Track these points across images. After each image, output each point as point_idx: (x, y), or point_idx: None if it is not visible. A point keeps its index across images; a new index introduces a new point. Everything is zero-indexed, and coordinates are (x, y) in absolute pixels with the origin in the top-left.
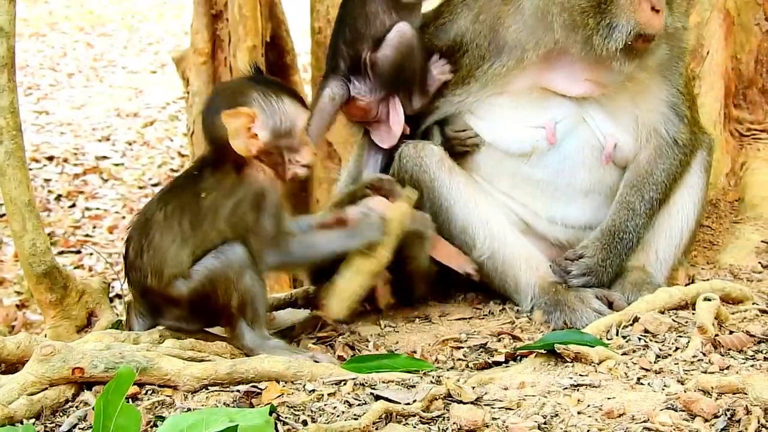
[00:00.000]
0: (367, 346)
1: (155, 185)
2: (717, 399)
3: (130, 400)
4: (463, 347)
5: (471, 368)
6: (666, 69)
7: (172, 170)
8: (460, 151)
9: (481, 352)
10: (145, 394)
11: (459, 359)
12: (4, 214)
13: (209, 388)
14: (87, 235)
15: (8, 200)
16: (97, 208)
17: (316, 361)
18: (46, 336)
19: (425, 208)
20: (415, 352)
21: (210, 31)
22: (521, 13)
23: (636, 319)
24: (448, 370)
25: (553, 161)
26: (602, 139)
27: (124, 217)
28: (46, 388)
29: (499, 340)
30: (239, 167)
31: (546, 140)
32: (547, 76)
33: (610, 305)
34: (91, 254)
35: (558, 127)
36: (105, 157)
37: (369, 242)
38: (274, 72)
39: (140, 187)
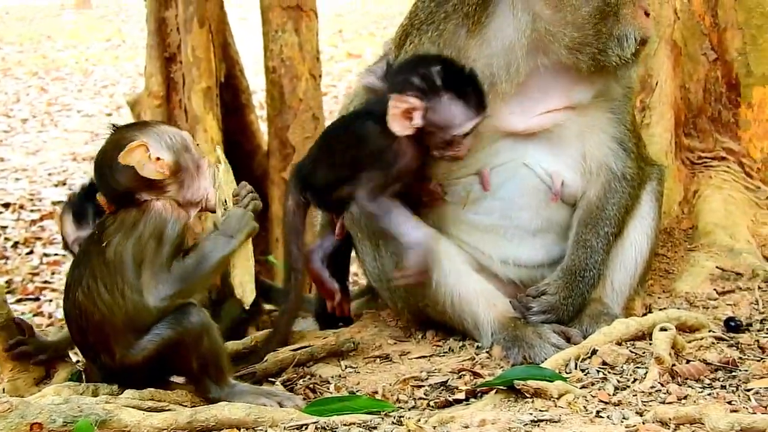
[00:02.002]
0: (329, 388)
1: None
2: (675, 430)
3: None
4: (423, 386)
5: (432, 407)
6: (615, 106)
7: None
8: None
9: (442, 390)
10: None
11: (420, 398)
12: None
13: None
14: (45, 282)
15: None
16: (56, 254)
17: (281, 405)
18: (3, 390)
19: (377, 250)
20: (376, 392)
21: (164, 74)
22: (488, 43)
23: (594, 352)
24: (409, 409)
25: (495, 207)
26: (547, 179)
27: None
28: None
29: (460, 377)
30: (139, 204)
31: (481, 187)
32: (501, 115)
33: (568, 340)
34: (51, 301)
35: (494, 172)
36: (62, 202)
37: (248, 232)
38: (229, 112)
39: None
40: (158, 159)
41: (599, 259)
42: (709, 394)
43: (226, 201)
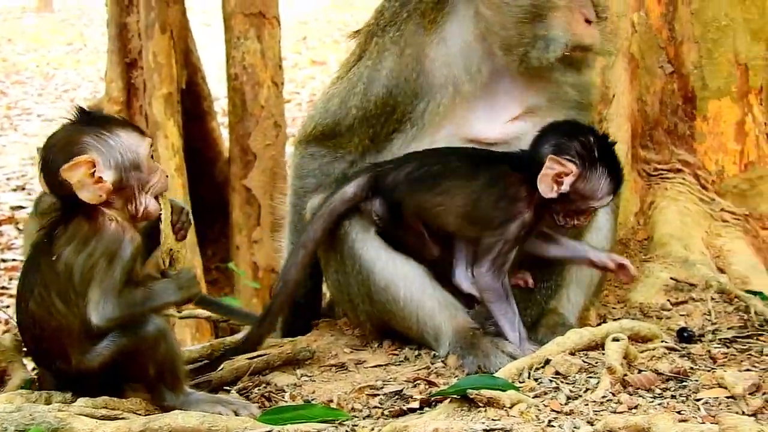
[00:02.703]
0: (284, 397)
1: None
2: None
3: None
4: (379, 394)
5: (386, 416)
6: (574, 117)
7: None
8: None
9: (397, 399)
10: None
11: (375, 407)
12: None
13: None
14: (3, 288)
15: None
16: (13, 259)
17: (237, 414)
18: None
19: (342, 264)
20: (331, 401)
21: (125, 79)
22: (445, 43)
23: (547, 362)
24: (363, 418)
25: None
26: None
27: None
28: None
29: (415, 386)
30: (91, 217)
31: None
32: (470, 121)
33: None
34: (8, 307)
35: None
36: (20, 207)
37: (192, 294)
38: (190, 118)
39: None
40: (99, 180)
41: (556, 270)
42: (660, 404)
43: (171, 250)
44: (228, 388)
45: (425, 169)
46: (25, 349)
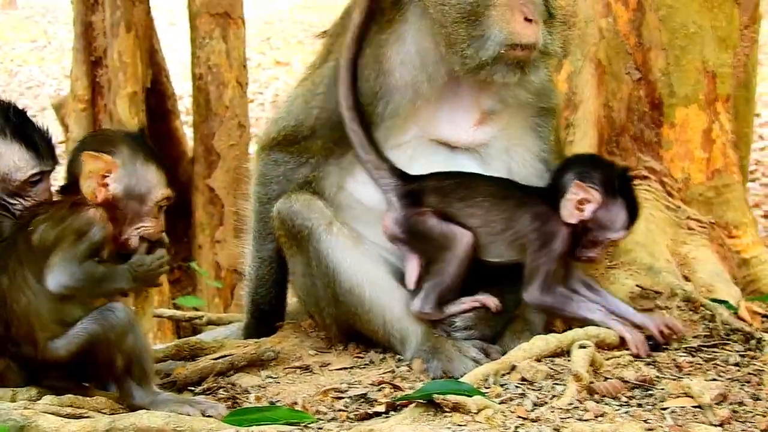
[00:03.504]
0: (248, 398)
1: None
2: None
3: None
4: (343, 397)
5: (351, 419)
6: (538, 126)
7: None
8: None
9: (362, 402)
10: None
11: (340, 410)
12: None
13: None
14: None
15: None
16: None
17: (207, 415)
18: None
19: (308, 266)
20: (296, 403)
21: (90, 78)
22: (402, 42)
23: (513, 368)
24: (328, 421)
25: None
26: None
27: None
28: None
29: (380, 390)
30: (75, 206)
31: None
32: (435, 124)
33: (488, 355)
34: None
35: None
36: None
37: (150, 283)
38: (155, 118)
39: None
40: (105, 185)
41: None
42: (626, 412)
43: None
44: (192, 388)
45: (457, 181)
46: None
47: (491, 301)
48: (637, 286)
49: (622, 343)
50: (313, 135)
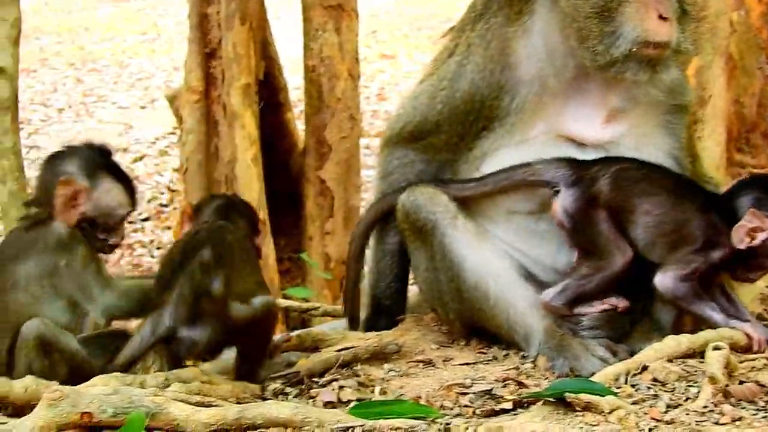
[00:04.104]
0: (373, 391)
1: (145, 220)
2: None
3: None
4: (468, 393)
5: (478, 415)
6: (669, 123)
7: (162, 205)
8: None
9: (487, 398)
10: None
11: (465, 405)
12: None
13: None
14: None
15: None
16: None
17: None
18: None
19: (431, 260)
20: (420, 397)
21: (203, 69)
22: (529, 35)
23: (645, 368)
24: (454, 416)
25: None
26: None
27: None
28: None
29: (505, 386)
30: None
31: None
32: (563, 120)
33: (614, 354)
34: None
35: None
36: None
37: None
38: (267, 109)
39: (130, 222)
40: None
41: (650, 276)
42: (764, 417)
43: None
44: (316, 379)
45: (641, 173)
46: None
47: (621, 303)
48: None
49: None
50: (438, 130)
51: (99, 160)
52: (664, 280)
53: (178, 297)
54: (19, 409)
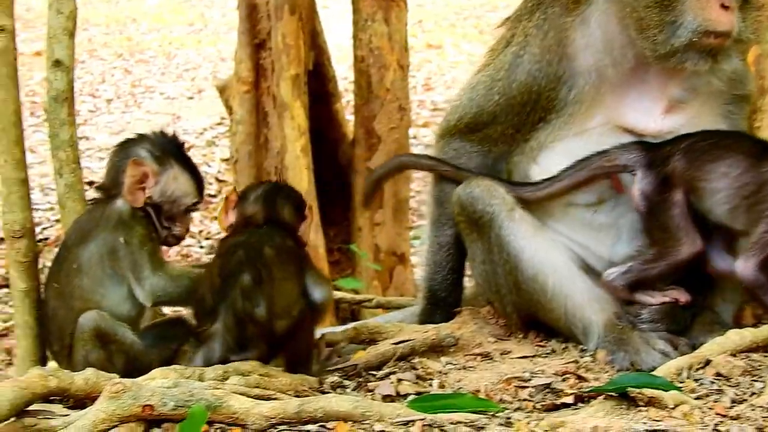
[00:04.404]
0: (431, 384)
1: None
2: None
3: None
4: (527, 387)
5: (538, 410)
6: (731, 113)
7: (210, 195)
8: None
9: (547, 392)
10: None
11: (524, 399)
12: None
13: (277, 427)
14: None
15: None
16: None
17: None
18: None
19: (488, 252)
20: (478, 390)
21: (253, 60)
22: (587, 25)
23: (708, 362)
24: (514, 411)
25: (616, 205)
26: None
27: None
28: (117, 425)
29: (564, 380)
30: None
31: (613, 189)
32: (622, 110)
33: (675, 348)
34: None
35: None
36: None
37: None
38: (316, 100)
39: None
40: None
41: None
42: None
43: None
44: (374, 372)
45: (712, 141)
46: None
47: (683, 296)
48: None
49: None
50: (494, 121)
51: (170, 148)
52: (743, 268)
53: (225, 328)
54: (80, 401)
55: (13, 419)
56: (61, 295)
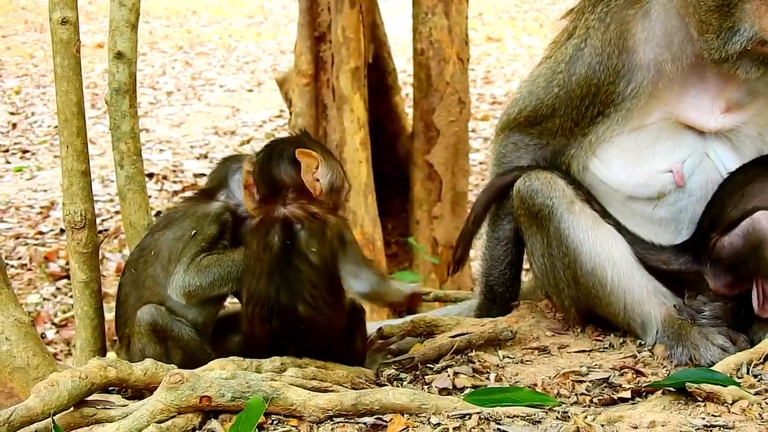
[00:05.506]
0: (488, 378)
1: None
2: None
3: (257, 429)
4: (584, 381)
5: (596, 404)
6: None
7: None
8: None
9: (605, 387)
10: (271, 423)
11: (582, 394)
12: (106, 230)
13: (334, 419)
14: None
15: (128, 224)
16: None
17: None
18: None
19: (547, 246)
20: (535, 385)
21: (313, 53)
22: (648, 19)
23: (767, 358)
24: (571, 405)
25: (677, 200)
26: (724, 173)
27: None
28: (175, 416)
29: (622, 375)
30: (317, 218)
31: (674, 183)
32: (681, 107)
33: (734, 343)
34: None
35: (684, 166)
36: (203, 175)
37: None
38: (375, 93)
39: None
40: (317, 179)
41: None
42: None
43: None
44: (431, 365)
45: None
46: None
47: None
48: None
49: None
50: (553, 114)
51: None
52: None
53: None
54: (139, 391)
55: (71, 409)
56: (135, 282)
